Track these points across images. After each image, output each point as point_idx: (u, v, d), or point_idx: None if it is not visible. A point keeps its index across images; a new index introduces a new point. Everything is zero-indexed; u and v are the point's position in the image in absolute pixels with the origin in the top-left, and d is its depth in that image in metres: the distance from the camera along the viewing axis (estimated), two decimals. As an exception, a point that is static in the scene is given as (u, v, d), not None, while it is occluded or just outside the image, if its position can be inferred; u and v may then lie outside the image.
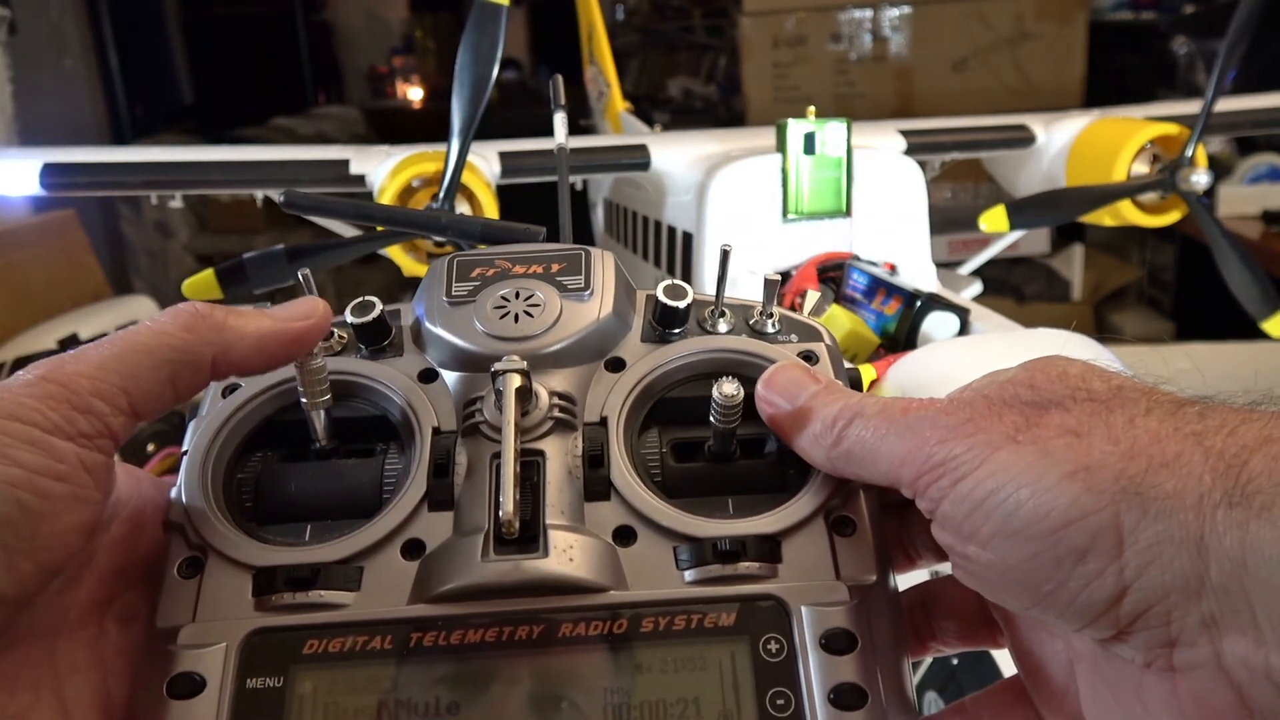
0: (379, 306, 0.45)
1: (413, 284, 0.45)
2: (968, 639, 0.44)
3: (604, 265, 0.46)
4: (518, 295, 0.45)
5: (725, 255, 0.46)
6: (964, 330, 1.33)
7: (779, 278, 0.47)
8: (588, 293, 0.45)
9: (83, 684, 0.36)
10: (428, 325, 0.45)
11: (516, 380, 0.40)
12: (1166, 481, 0.32)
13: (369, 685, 0.36)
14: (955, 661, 1.10)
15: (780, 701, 0.35)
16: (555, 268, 0.46)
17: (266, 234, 3.08)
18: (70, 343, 1.93)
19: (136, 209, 3.27)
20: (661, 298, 0.45)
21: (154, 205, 1.67)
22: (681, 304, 0.45)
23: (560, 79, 1.41)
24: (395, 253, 1.41)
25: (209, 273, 1.31)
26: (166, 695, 0.36)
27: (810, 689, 0.35)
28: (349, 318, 0.45)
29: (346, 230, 1.73)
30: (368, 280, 3.10)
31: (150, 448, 1.79)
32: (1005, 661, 0.90)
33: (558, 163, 1.36)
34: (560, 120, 1.37)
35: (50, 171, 1.43)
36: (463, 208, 1.38)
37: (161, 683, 0.36)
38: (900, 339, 1.34)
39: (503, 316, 0.44)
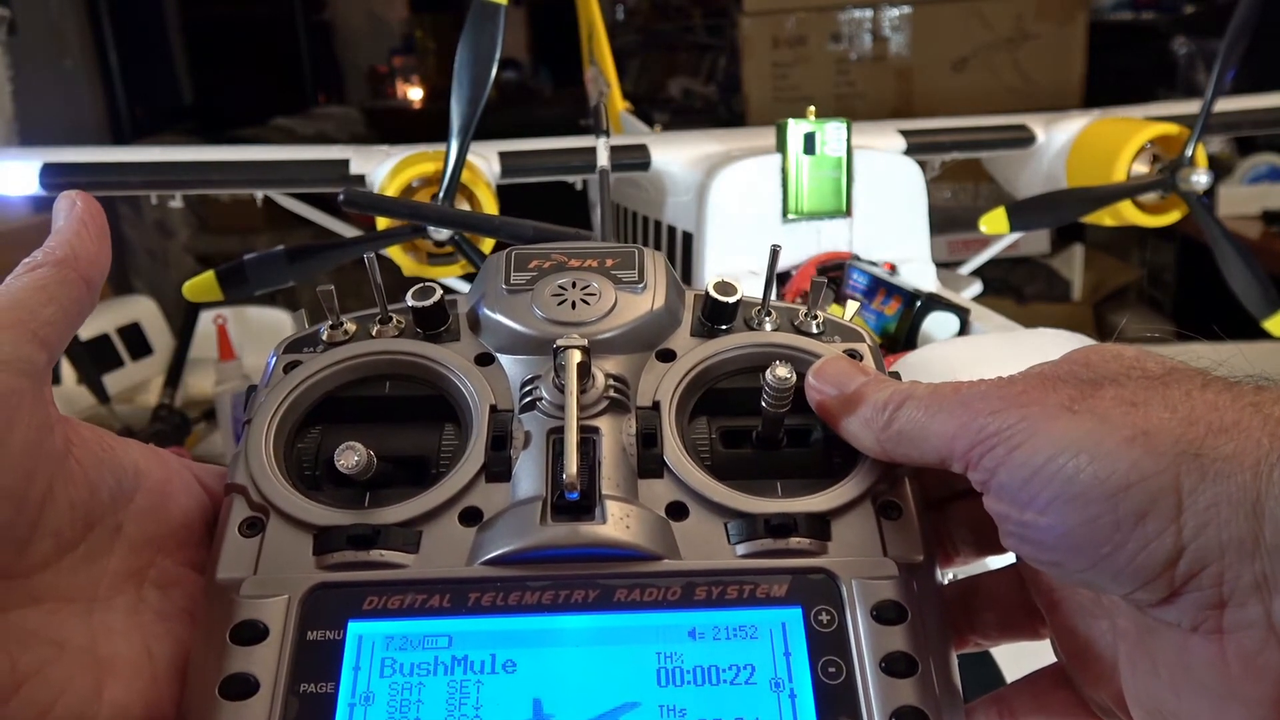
0: (439, 292, 0.46)
1: (413, 284, 0.46)
2: (1008, 630, 0.45)
3: (656, 263, 0.48)
4: (574, 285, 0.46)
5: (775, 254, 0.47)
6: (964, 330, 1.33)
7: (825, 280, 0.48)
8: (641, 286, 0.47)
9: (121, 644, 0.37)
10: (485, 311, 0.46)
11: (578, 355, 0.41)
12: (1225, 445, 0.32)
13: (426, 642, 0.37)
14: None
15: (832, 669, 0.36)
16: (610, 262, 0.48)
17: (266, 234, 3.08)
18: (70, 343, 1.93)
19: (136, 209, 3.27)
20: (712, 293, 0.46)
21: (154, 205, 1.67)
22: (731, 299, 0.46)
23: (602, 108, 1.42)
24: (395, 253, 1.42)
25: (209, 274, 1.31)
26: (229, 641, 0.37)
27: (862, 657, 0.36)
28: (409, 301, 0.46)
29: (347, 230, 1.73)
30: (368, 281, 3.09)
31: (150, 448, 1.79)
32: (1007, 665, 0.90)
33: (600, 184, 1.37)
34: (603, 144, 1.38)
35: (50, 171, 1.43)
36: (463, 208, 1.38)
37: (224, 629, 0.37)
38: (900, 339, 1.34)
39: (560, 303, 0.46)
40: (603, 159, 1.39)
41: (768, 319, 0.47)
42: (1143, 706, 0.36)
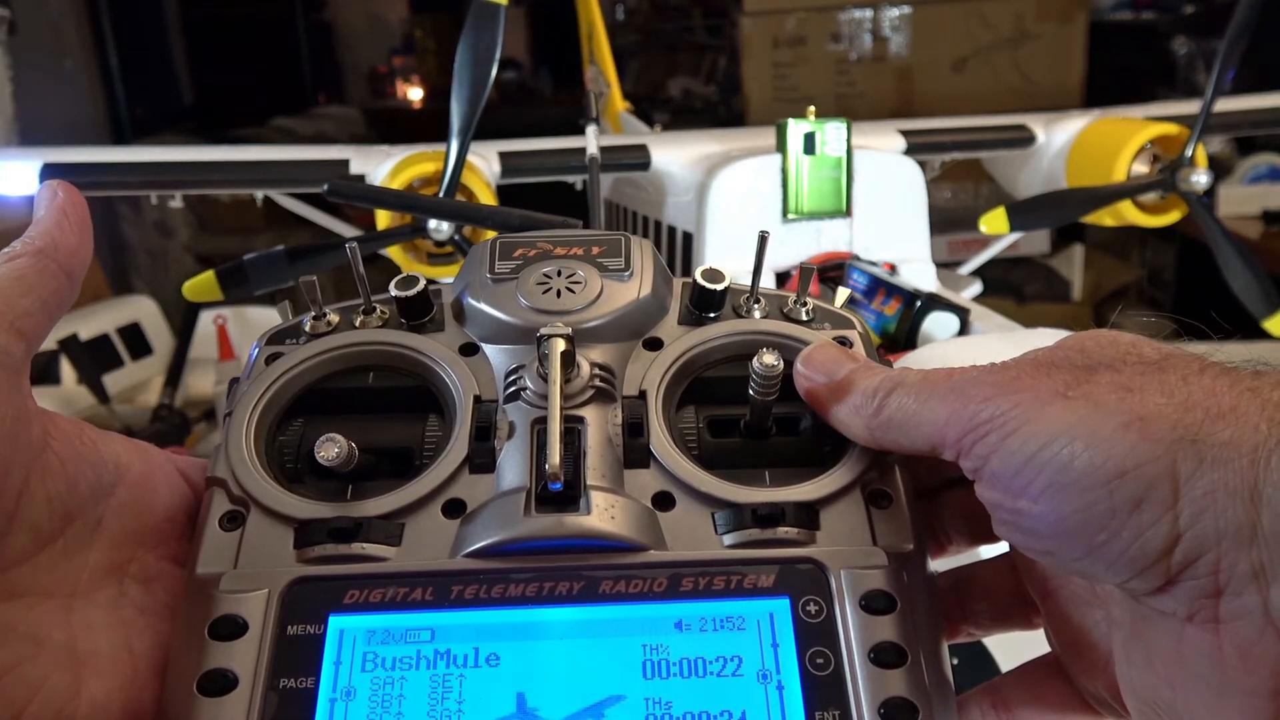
0: (422, 281, 0.46)
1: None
2: (1001, 620, 0.44)
3: (642, 250, 0.47)
4: (559, 273, 0.46)
5: (763, 240, 0.46)
6: (964, 330, 1.33)
7: (814, 267, 0.47)
8: (627, 273, 0.46)
9: (101, 640, 0.37)
10: (470, 300, 0.46)
11: (561, 344, 0.41)
12: (1223, 431, 0.32)
13: (408, 636, 0.36)
14: (955, 661, 1.10)
15: (820, 660, 0.36)
16: (595, 250, 0.47)
17: (266, 234, 3.07)
18: (70, 343, 1.93)
19: (136, 209, 3.27)
20: (700, 280, 0.46)
21: (154, 205, 1.67)
22: (719, 287, 0.46)
23: (594, 96, 1.42)
24: (395, 253, 1.42)
25: (209, 274, 1.31)
26: (208, 636, 0.36)
27: (850, 648, 0.36)
28: (393, 291, 0.45)
29: (347, 230, 1.73)
30: (368, 280, 3.09)
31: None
32: (1004, 659, 0.90)
33: (589, 170, 1.37)
34: (592, 131, 1.38)
35: (50, 171, 1.43)
36: (462, 207, 1.38)
37: (203, 625, 0.36)
38: (900, 339, 1.34)
39: (545, 292, 0.45)
40: (592, 147, 1.39)
41: (756, 306, 0.47)
42: (1137, 696, 0.36)
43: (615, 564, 0.38)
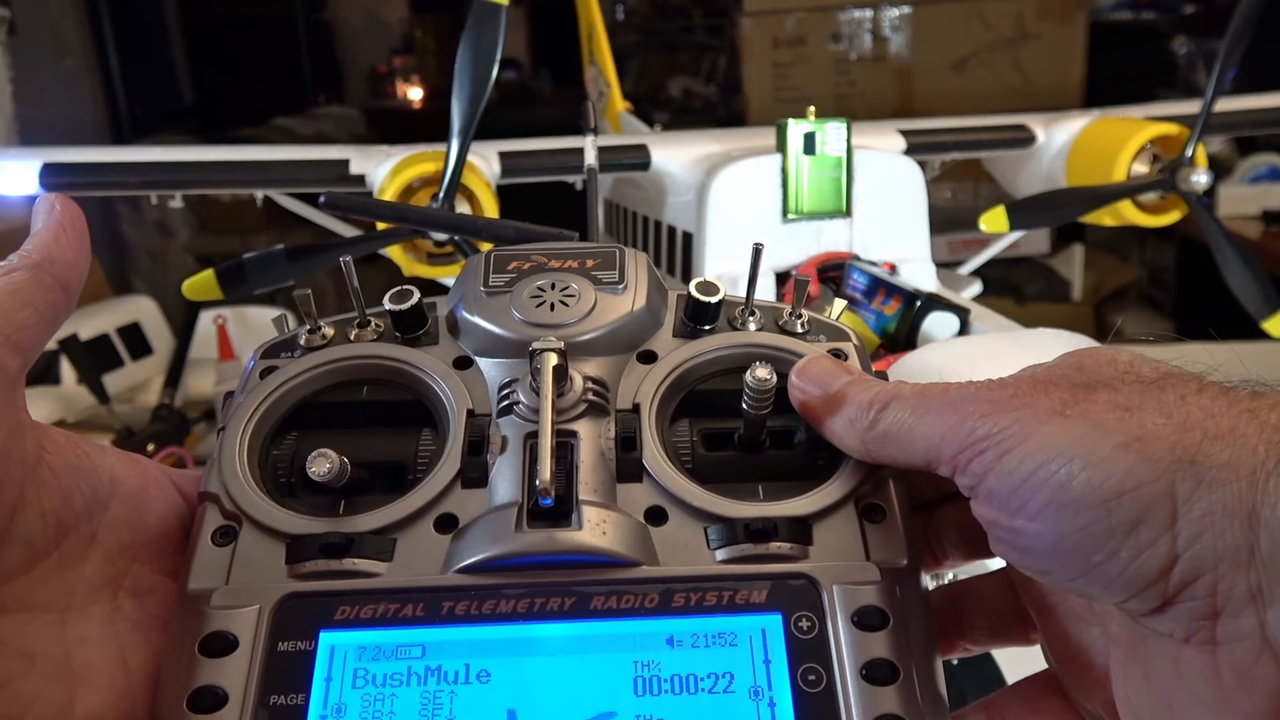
0: (417, 294, 0.45)
1: (411, 284, 0.46)
2: (998, 635, 0.44)
3: (637, 263, 0.47)
4: (553, 286, 0.46)
5: (757, 253, 0.46)
6: (964, 330, 1.33)
7: (809, 278, 0.47)
8: (621, 286, 0.46)
9: (96, 654, 0.37)
10: (464, 313, 0.46)
11: (554, 358, 0.41)
12: (1221, 452, 0.31)
13: (399, 652, 0.36)
14: (955, 662, 1.10)
15: (812, 677, 0.36)
16: (590, 263, 0.47)
17: (266, 234, 3.07)
18: (70, 343, 1.93)
19: (136, 209, 3.27)
20: (694, 293, 0.45)
21: (154, 205, 1.67)
22: (713, 299, 0.45)
23: (592, 105, 1.42)
24: (395, 253, 1.42)
25: (209, 273, 1.31)
26: (198, 653, 0.36)
27: (842, 664, 0.36)
28: (387, 304, 0.45)
29: (346, 230, 1.73)
30: (368, 280, 3.06)
31: (150, 448, 1.79)
32: (1008, 665, 0.90)
33: (588, 181, 1.37)
34: (590, 142, 1.38)
35: (50, 171, 1.43)
36: (462, 208, 1.38)
37: (193, 641, 0.36)
38: (900, 339, 1.34)
39: (539, 305, 0.45)
40: (590, 158, 1.39)
41: (751, 319, 0.47)
42: (1134, 715, 0.36)
43: (607, 579, 0.38)
